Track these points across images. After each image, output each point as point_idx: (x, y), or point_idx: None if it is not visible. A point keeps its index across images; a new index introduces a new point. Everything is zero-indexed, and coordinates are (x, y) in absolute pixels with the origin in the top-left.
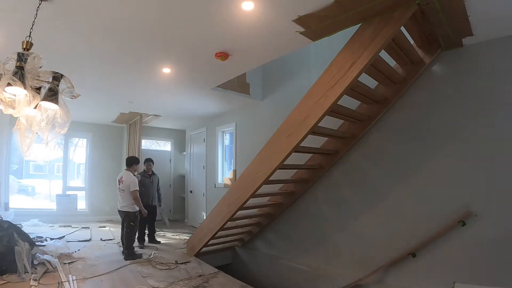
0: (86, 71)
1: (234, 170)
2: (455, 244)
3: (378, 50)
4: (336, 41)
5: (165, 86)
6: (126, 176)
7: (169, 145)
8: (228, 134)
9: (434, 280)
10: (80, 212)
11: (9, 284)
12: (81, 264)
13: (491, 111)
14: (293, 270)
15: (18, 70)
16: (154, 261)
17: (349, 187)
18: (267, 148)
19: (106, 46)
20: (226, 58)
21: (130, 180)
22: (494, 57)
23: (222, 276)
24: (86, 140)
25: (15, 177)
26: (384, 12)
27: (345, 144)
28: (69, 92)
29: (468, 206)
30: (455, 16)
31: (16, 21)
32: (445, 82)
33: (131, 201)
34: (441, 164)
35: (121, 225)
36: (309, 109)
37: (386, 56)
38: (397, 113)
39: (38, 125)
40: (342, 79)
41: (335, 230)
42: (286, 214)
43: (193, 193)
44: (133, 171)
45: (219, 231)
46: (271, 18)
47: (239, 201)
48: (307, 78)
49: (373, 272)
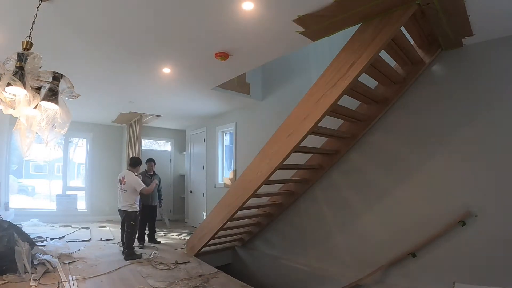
0: (86, 71)
1: (234, 170)
2: (455, 244)
3: (378, 50)
4: (336, 41)
5: (165, 86)
6: (129, 176)
7: (169, 145)
8: (228, 134)
9: (434, 280)
10: (80, 212)
11: (9, 284)
12: (81, 264)
13: (491, 111)
14: (293, 270)
15: (18, 70)
16: (154, 261)
17: (349, 187)
18: (267, 148)
19: (106, 46)
20: (226, 58)
21: (134, 181)
22: (494, 57)
23: (222, 276)
24: (86, 140)
25: (15, 177)
26: (384, 12)
27: (345, 144)
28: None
29: (468, 206)
30: (455, 16)
31: (16, 21)
32: (445, 82)
33: (133, 201)
34: (441, 164)
35: (121, 224)
36: (309, 109)
37: (386, 56)
38: (397, 113)
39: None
40: (342, 79)
41: (335, 230)
42: (286, 214)
43: (193, 193)
44: (135, 172)
45: (219, 231)
46: (271, 18)
47: (239, 201)
48: (307, 78)
49: (373, 272)
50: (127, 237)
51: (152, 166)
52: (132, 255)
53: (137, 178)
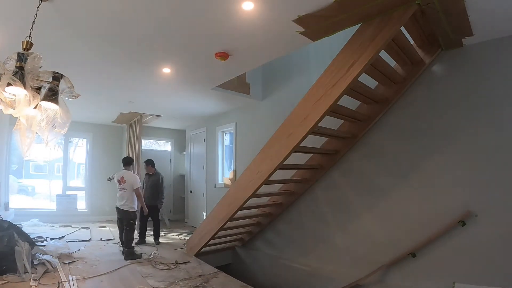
0: (86, 71)
1: (234, 170)
2: (455, 244)
3: (378, 50)
4: (336, 41)
5: (165, 86)
6: (128, 175)
7: (169, 145)
8: (228, 134)
9: (434, 280)
10: (80, 212)
11: (9, 284)
12: (81, 264)
13: (491, 111)
14: (293, 270)
15: (18, 70)
16: (154, 261)
17: (349, 187)
18: (267, 148)
19: (106, 46)
20: (226, 58)
21: (133, 178)
22: (494, 57)
23: (222, 276)
24: (86, 140)
25: (15, 177)
26: (384, 12)
27: (345, 144)
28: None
29: (468, 206)
30: (455, 16)
31: (16, 21)
32: (445, 82)
33: (132, 200)
34: (441, 164)
35: (118, 223)
36: (309, 109)
37: (386, 56)
38: (397, 113)
39: (38, 125)
40: (342, 79)
41: (335, 230)
42: (286, 214)
43: (193, 193)
44: (131, 170)
45: (219, 231)
46: (271, 18)
47: (239, 201)
48: (307, 78)
49: (373, 272)
50: (126, 235)
51: (149, 167)
52: (132, 255)
53: (136, 176)
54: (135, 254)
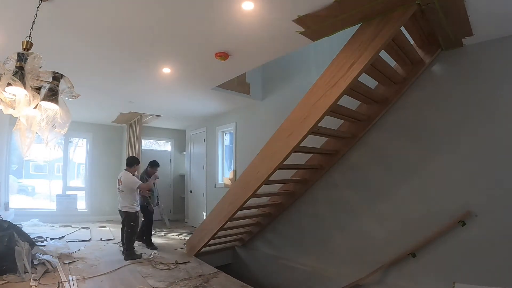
0: (86, 71)
1: (234, 170)
2: (455, 244)
3: (378, 50)
4: (336, 41)
5: (165, 86)
6: (125, 176)
7: (169, 145)
8: (228, 134)
9: (434, 280)
10: (80, 212)
11: (9, 284)
12: (81, 264)
13: (491, 111)
14: (293, 270)
15: (18, 70)
16: (154, 261)
17: (349, 187)
18: (267, 148)
19: (106, 46)
20: (226, 58)
21: (130, 180)
22: (494, 57)
23: (222, 276)
24: (86, 140)
25: (15, 177)
26: (384, 12)
27: (345, 144)
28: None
29: (468, 206)
30: (455, 16)
31: (16, 21)
32: (445, 82)
33: (132, 201)
34: (441, 164)
35: (122, 225)
36: (309, 109)
37: (386, 56)
38: (397, 113)
39: (38, 125)
40: (342, 79)
41: (335, 230)
42: (286, 214)
43: (193, 193)
44: (133, 171)
45: (219, 231)
46: (271, 18)
47: (239, 201)
48: (307, 78)
49: (373, 272)
50: (127, 237)
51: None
52: (132, 255)
53: (134, 177)
54: (135, 254)
